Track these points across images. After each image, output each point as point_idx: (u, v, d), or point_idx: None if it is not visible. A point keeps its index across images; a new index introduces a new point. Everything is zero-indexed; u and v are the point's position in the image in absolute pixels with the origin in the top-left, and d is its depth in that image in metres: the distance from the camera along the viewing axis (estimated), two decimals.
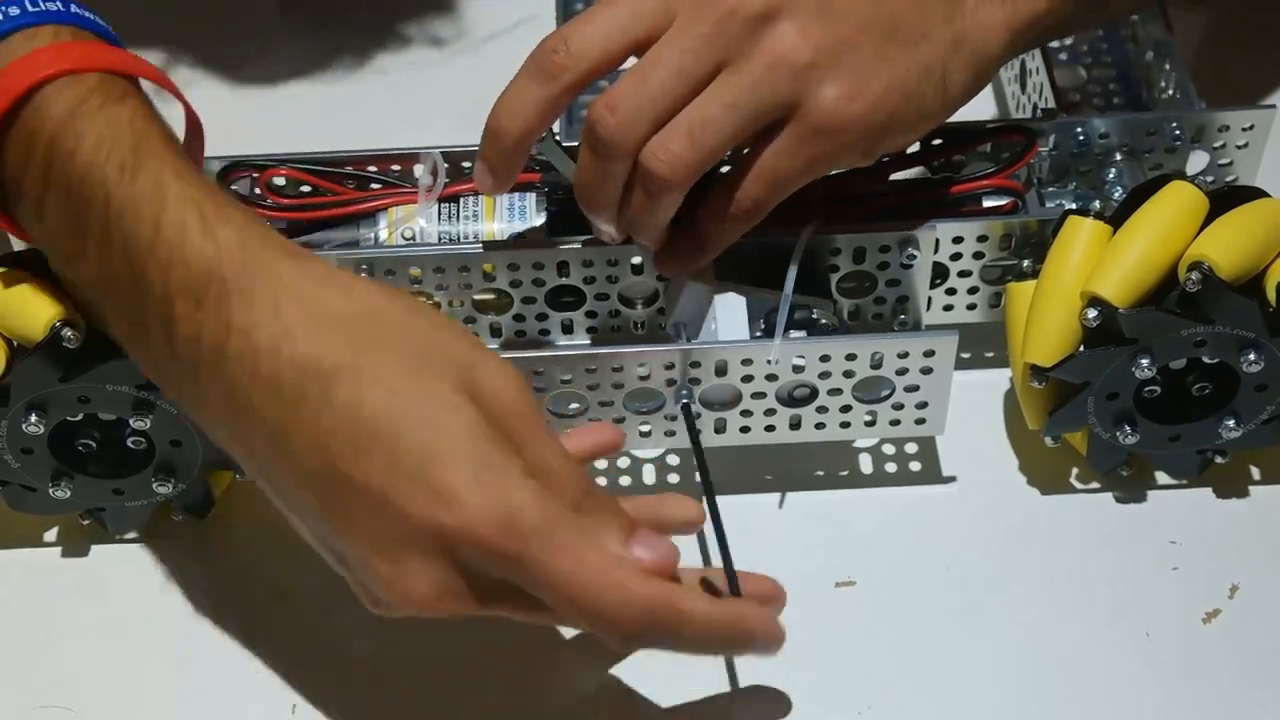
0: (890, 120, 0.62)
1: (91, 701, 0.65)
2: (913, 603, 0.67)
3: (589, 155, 0.62)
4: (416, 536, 0.53)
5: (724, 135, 0.61)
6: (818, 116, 0.61)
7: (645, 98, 0.60)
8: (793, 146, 0.61)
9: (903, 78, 0.62)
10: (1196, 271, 0.62)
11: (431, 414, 0.53)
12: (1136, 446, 0.68)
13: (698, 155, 0.61)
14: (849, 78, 0.61)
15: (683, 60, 0.60)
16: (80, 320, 0.62)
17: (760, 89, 0.60)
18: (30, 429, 0.63)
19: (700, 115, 0.60)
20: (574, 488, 0.55)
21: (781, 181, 0.62)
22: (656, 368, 0.65)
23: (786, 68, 0.60)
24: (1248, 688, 0.65)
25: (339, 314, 0.54)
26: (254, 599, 0.68)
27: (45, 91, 0.56)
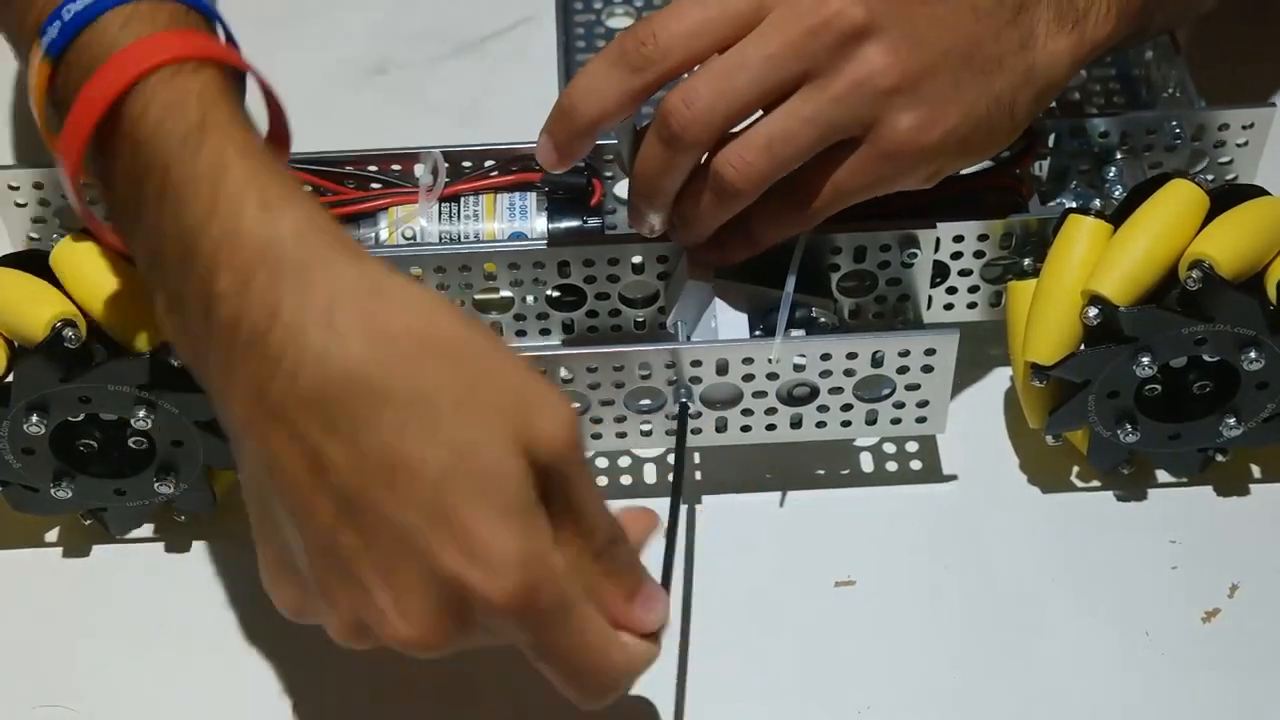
0: (960, 149, 0.62)
1: (91, 701, 0.65)
2: (913, 603, 0.67)
3: (657, 145, 0.62)
4: (435, 581, 0.50)
5: (801, 149, 0.61)
6: (892, 142, 0.61)
7: (724, 98, 0.60)
8: (861, 166, 0.62)
9: (975, 106, 0.62)
10: (1197, 270, 0.62)
11: (478, 463, 0.50)
12: (1137, 445, 0.68)
13: (773, 167, 0.61)
14: (927, 106, 0.61)
15: (767, 66, 0.60)
16: (81, 320, 0.62)
17: (841, 107, 0.60)
18: (31, 429, 0.63)
19: (781, 128, 0.60)
20: (603, 536, 0.54)
21: (843, 196, 0.63)
22: (657, 367, 0.65)
23: (870, 90, 0.60)
24: (1248, 687, 0.65)
25: (399, 332, 0.51)
26: (255, 599, 0.68)
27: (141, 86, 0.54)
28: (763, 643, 0.66)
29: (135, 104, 0.53)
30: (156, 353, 0.62)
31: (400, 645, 0.52)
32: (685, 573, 0.68)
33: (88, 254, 0.63)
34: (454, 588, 0.50)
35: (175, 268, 0.53)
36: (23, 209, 0.71)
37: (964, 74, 0.61)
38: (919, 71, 0.61)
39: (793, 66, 0.60)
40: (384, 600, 0.51)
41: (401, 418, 0.50)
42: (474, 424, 0.50)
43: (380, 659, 0.65)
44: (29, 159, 0.83)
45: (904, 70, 0.60)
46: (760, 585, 0.68)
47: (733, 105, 0.60)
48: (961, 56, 0.61)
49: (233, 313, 0.51)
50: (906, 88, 0.60)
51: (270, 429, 0.51)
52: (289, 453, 0.51)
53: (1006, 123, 0.63)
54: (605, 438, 0.68)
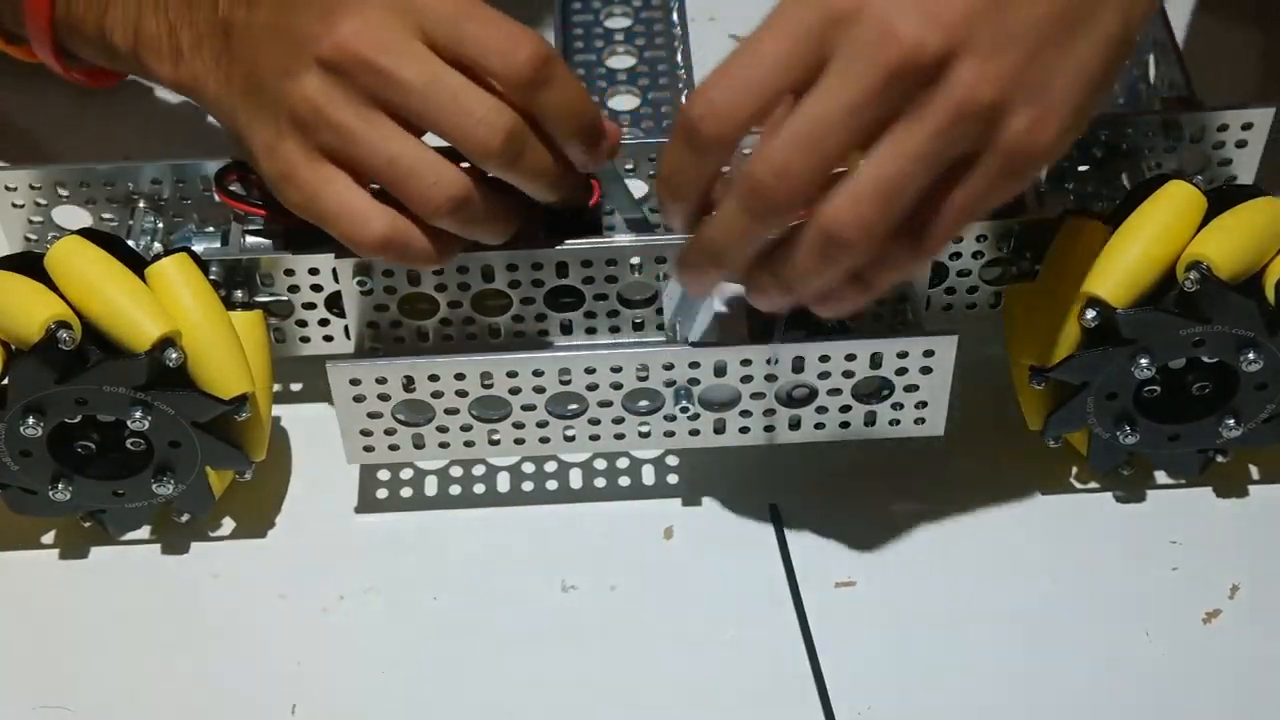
0: (1079, 123, 0.58)
1: (91, 701, 0.65)
2: (913, 603, 0.67)
3: (745, 220, 0.57)
4: (307, 47, 0.60)
5: (914, 191, 0.56)
6: (1011, 151, 0.56)
7: (817, 167, 0.56)
8: (983, 183, 0.57)
9: (1086, 69, 0.57)
10: (1195, 271, 0.62)
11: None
12: (1136, 446, 0.67)
13: (890, 215, 0.56)
14: (1036, 102, 0.56)
15: (855, 121, 0.55)
16: (76, 321, 0.62)
17: (947, 137, 0.55)
18: (28, 431, 0.63)
19: (890, 172, 0.55)
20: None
21: (967, 217, 0.58)
22: (655, 368, 0.65)
23: (972, 111, 0.55)
24: (1248, 688, 0.64)
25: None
26: (254, 599, 0.68)
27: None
28: (763, 643, 0.66)
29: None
30: (152, 353, 0.62)
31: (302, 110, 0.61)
32: (685, 573, 0.68)
33: (83, 255, 0.63)
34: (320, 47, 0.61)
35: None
36: (19, 210, 0.71)
37: (1064, 43, 0.56)
38: (1016, 71, 0.56)
39: (881, 113, 0.55)
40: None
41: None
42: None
43: (381, 658, 0.65)
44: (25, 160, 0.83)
45: (999, 79, 0.55)
46: (760, 585, 0.68)
47: (826, 169, 0.56)
48: (1054, 26, 0.56)
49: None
50: (1008, 94, 0.55)
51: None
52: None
53: (1118, 62, 0.58)
54: (603, 439, 0.68)
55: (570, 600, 0.68)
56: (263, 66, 0.62)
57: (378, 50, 0.60)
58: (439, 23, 0.61)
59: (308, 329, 0.71)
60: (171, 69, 0.67)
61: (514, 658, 0.66)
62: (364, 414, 0.66)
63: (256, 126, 0.63)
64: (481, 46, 0.60)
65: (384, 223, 0.62)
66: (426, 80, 0.60)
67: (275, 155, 0.63)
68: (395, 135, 0.61)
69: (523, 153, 0.61)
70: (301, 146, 0.62)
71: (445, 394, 0.66)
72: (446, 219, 0.62)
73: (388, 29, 0.60)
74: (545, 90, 0.61)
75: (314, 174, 0.62)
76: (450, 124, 0.60)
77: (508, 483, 0.71)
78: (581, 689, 0.65)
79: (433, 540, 0.70)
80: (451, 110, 0.60)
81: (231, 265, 0.68)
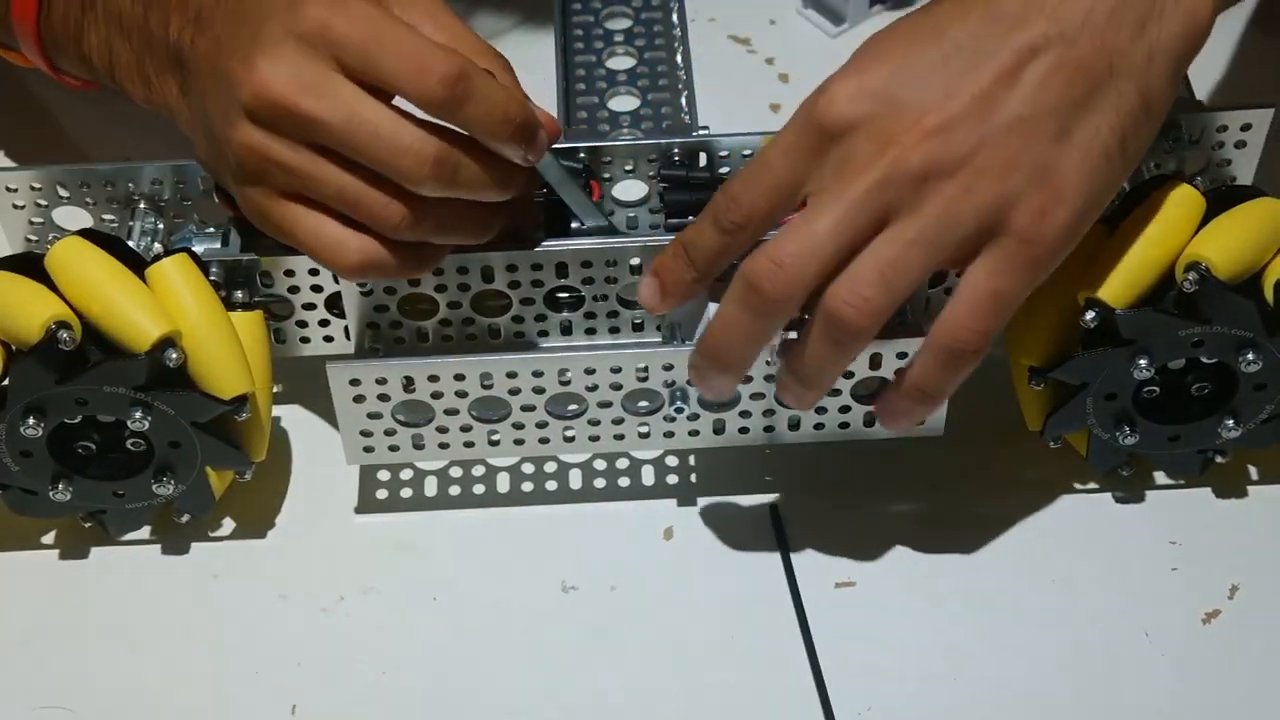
0: (1093, 204, 0.59)
1: (91, 702, 0.65)
2: (912, 603, 0.67)
3: (744, 313, 0.60)
4: (235, 92, 0.60)
5: (914, 274, 0.58)
6: (1021, 236, 0.58)
7: (814, 256, 0.58)
8: (1005, 264, 0.58)
9: (1096, 150, 0.58)
10: (1194, 272, 0.62)
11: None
12: (1136, 447, 0.67)
13: (891, 298, 0.58)
14: (1037, 189, 0.57)
15: (850, 212, 0.58)
16: (76, 321, 0.62)
17: (942, 225, 0.58)
18: (28, 432, 0.63)
19: (888, 256, 0.58)
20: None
21: (1006, 302, 0.59)
22: (655, 368, 0.65)
23: (963, 212, 0.57)
24: (1248, 688, 0.64)
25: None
26: (254, 599, 0.68)
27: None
28: (763, 643, 0.66)
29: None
30: (152, 354, 0.62)
31: (271, 98, 0.60)
32: (685, 574, 0.68)
33: (83, 256, 0.63)
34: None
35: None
36: (20, 211, 0.71)
37: (1069, 127, 0.58)
38: (1005, 167, 0.57)
39: (874, 211, 0.58)
40: (239, 71, 0.61)
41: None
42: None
43: (381, 658, 0.65)
44: (25, 161, 0.84)
45: (989, 180, 0.57)
46: (760, 585, 0.68)
47: (823, 261, 0.58)
48: (1052, 115, 0.57)
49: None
50: (1003, 188, 0.57)
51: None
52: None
53: (1140, 135, 0.59)
54: (603, 439, 0.68)
55: (570, 600, 0.68)
56: (210, 109, 0.63)
57: (295, 92, 0.60)
58: (352, 53, 0.61)
59: (308, 329, 0.71)
60: (145, 93, 0.67)
61: (514, 658, 0.66)
62: (364, 414, 0.66)
63: (221, 171, 0.64)
64: (392, 74, 0.60)
65: (357, 248, 0.62)
66: (345, 118, 0.60)
67: (243, 199, 0.64)
68: (337, 168, 0.61)
69: (456, 172, 0.62)
70: (260, 190, 0.62)
71: (445, 394, 0.66)
72: (410, 234, 0.62)
73: (304, 66, 0.60)
74: (465, 106, 0.61)
75: (281, 214, 0.63)
76: (376, 159, 0.61)
77: (507, 483, 0.71)
78: (582, 689, 0.65)
79: (432, 541, 0.70)
80: (375, 146, 0.60)
81: (232, 265, 0.68)
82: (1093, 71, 0.58)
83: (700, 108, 0.75)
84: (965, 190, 0.57)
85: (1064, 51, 0.58)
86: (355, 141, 0.60)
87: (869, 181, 0.58)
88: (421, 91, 0.60)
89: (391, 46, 0.60)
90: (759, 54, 0.89)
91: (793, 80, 0.87)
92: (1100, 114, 0.58)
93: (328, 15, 0.60)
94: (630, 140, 0.72)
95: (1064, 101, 0.57)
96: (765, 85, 0.87)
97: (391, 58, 0.60)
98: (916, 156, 0.57)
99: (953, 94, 0.58)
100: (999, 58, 0.58)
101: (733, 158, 0.71)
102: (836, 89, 0.59)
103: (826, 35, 0.89)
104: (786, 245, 0.58)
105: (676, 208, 0.70)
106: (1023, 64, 0.58)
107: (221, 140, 0.62)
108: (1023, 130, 0.57)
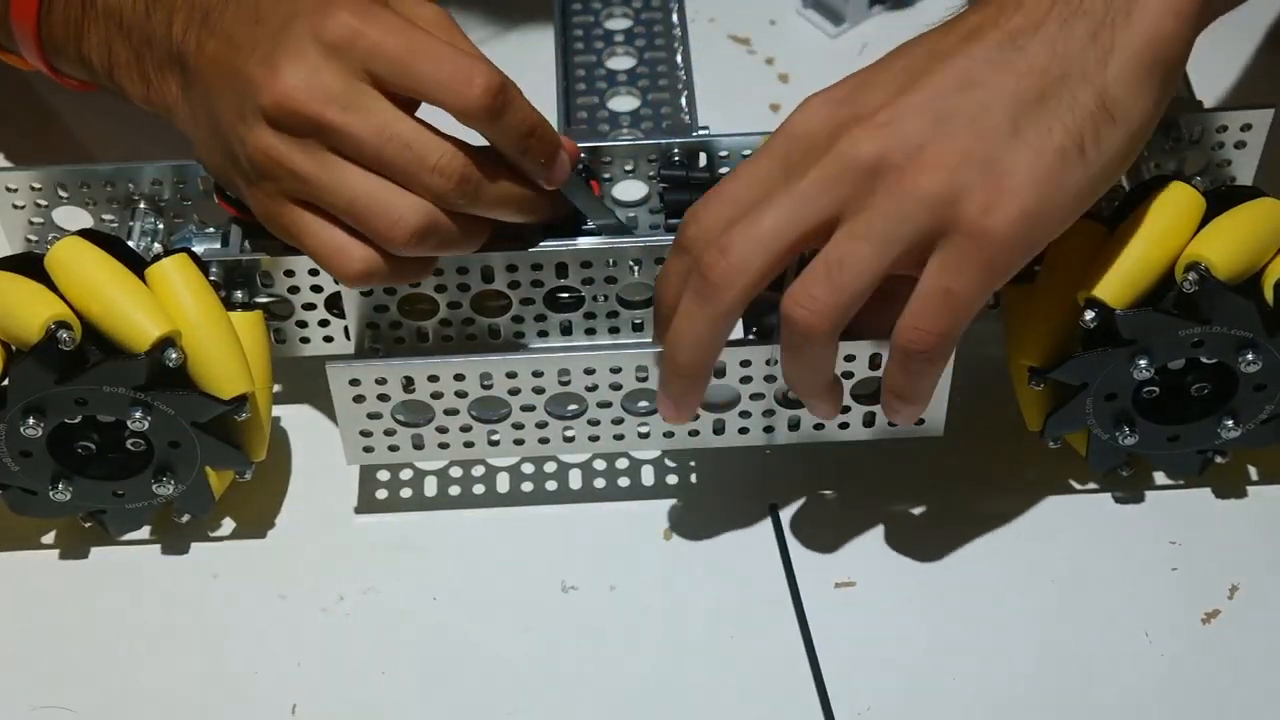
0: (1048, 206, 0.58)
1: (91, 701, 0.65)
2: (913, 603, 0.67)
3: (692, 303, 0.60)
4: (254, 96, 0.61)
5: (864, 272, 0.58)
6: (969, 230, 0.57)
7: (760, 243, 0.59)
8: (955, 261, 0.58)
9: (1050, 149, 0.58)
10: (1194, 272, 0.62)
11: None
12: (1136, 447, 0.67)
13: (839, 297, 0.58)
14: (985, 183, 0.57)
15: (797, 202, 0.59)
16: (75, 321, 0.62)
17: (892, 220, 0.58)
18: (28, 432, 0.63)
19: (836, 254, 0.58)
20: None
21: (959, 302, 0.58)
22: (655, 368, 0.65)
23: (915, 199, 0.57)
24: (1248, 689, 0.64)
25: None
26: (254, 599, 0.68)
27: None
28: (763, 643, 0.66)
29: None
30: (152, 354, 0.62)
31: (289, 99, 0.60)
32: (685, 574, 0.68)
33: (83, 256, 0.63)
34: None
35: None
36: (20, 211, 0.71)
37: (1021, 125, 0.58)
38: (955, 161, 0.57)
39: (824, 203, 0.58)
40: (258, 73, 0.61)
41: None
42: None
43: (381, 659, 0.65)
44: (26, 161, 0.84)
45: (937, 173, 0.57)
46: (760, 585, 0.68)
47: (769, 248, 0.58)
48: (1005, 112, 0.58)
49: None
50: (952, 178, 0.57)
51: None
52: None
53: (1105, 141, 0.58)
54: (603, 439, 0.68)
55: (570, 601, 0.68)
56: (219, 109, 0.63)
57: (323, 102, 0.60)
58: (387, 64, 0.61)
59: (308, 329, 0.71)
60: (143, 93, 0.67)
61: (514, 658, 0.66)
62: (363, 415, 0.66)
63: (228, 170, 0.65)
64: (433, 85, 0.61)
65: (361, 257, 0.63)
66: (375, 131, 0.61)
67: (252, 199, 0.64)
68: (351, 178, 0.62)
69: (480, 190, 0.62)
70: (269, 194, 0.63)
71: (445, 395, 0.66)
72: (412, 250, 0.62)
73: (332, 75, 0.61)
74: (501, 118, 0.61)
75: (288, 218, 0.63)
76: (404, 173, 0.61)
77: (507, 483, 0.71)
78: (581, 689, 0.65)
79: (432, 541, 0.70)
80: (404, 160, 0.61)
81: (231, 266, 0.68)
82: (1045, 75, 0.58)
83: (700, 108, 0.76)
84: (914, 183, 0.57)
85: (1015, 56, 0.58)
86: (384, 155, 0.61)
87: (819, 174, 0.58)
88: (464, 102, 0.61)
89: (429, 57, 0.61)
90: (759, 54, 0.89)
91: (793, 80, 0.87)
92: (1053, 115, 0.58)
93: (358, 24, 0.61)
94: (630, 140, 0.72)
95: (1015, 102, 0.58)
96: (765, 85, 0.87)
97: (430, 67, 0.61)
98: (866, 147, 0.58)
99: (906, 90, 0.59)
100: (953, 61, 0.59)
101: (732, 158, 0.71)
102: (806, 102, 0.61)
103: (826, 35, 0.89)
104: (733, 234, 0.59)
105: (676, 208, 0.70)
106: (975, 66, 0.59)
107: (233, 139, 0.62)
108: (973, 127, 0.58)
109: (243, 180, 0.64)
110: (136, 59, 0.67)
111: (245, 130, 0.62)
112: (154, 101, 0.67)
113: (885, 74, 0.60)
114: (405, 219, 0.62)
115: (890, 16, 0.90)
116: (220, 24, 0.63)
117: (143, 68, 0.67)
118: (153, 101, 0.67)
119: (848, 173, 0.58)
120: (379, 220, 0.62)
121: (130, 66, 0.67)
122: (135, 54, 0.66)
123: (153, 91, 0.67)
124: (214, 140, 0.64)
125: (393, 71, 0.61)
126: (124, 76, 0.68)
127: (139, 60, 0.66)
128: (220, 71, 0.63)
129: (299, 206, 0.63)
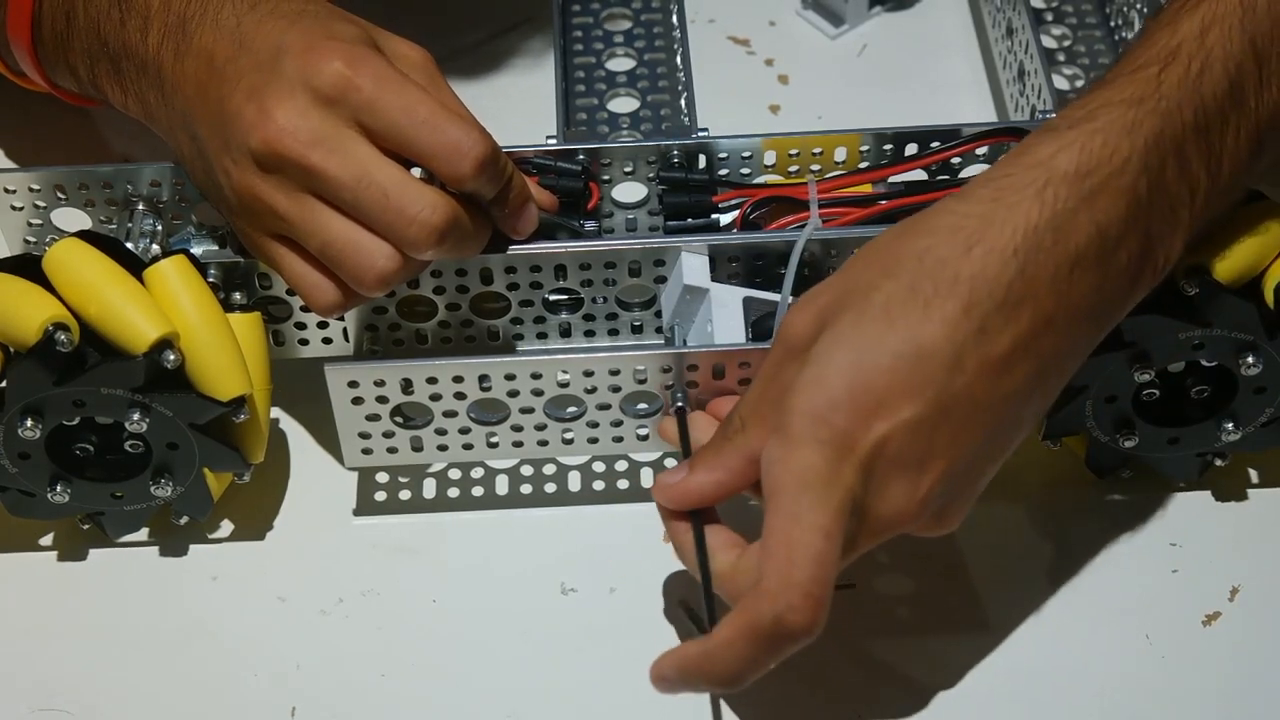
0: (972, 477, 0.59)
1: (91, 702, 0.65)
2: (913, 603, 0.67)
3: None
4: (238, 133, 0.61)
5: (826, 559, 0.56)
6: (880, 520, 0.58)
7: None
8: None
9: (989, 474, 0.60)
10: (1194, 275, 0.62)
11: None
12: (1135, 449, 0.67)
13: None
14: (937, 516, 0.59)
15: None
16: (74, 323, 0.62)
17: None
18: (26, 433, 0.63)
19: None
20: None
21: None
22: (653, 370, 0.65)
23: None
24: (1248, 690, 0.64)
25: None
26: (253, 601, 0.68)
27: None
28: None
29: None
30: (150, 355, 0.62)
31: (275, 140, 0.61)
32: (683, 575, 0.68)
33: (81, 257, 0.63)
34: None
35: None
36: (19, 212, 0.71)
37: (975, 474, 0.59)
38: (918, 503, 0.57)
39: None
40: (249, 111, 0.61)
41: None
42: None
43: (381, 659, 0.65)
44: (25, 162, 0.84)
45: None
46: None
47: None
48: (970, 466, 0.58)
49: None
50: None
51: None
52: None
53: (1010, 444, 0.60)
54: (602, 441, 0.68)
55: (570, 603, 0.68)
56: (204, 134, 0.64)
57: (308, 145, 0.61)
58: (381, 123, 0.61)
59: (306, 331, 0.71)
60: (122, 98, 0.68)
61: (513, 660, 0.66)
62: (362, 416, 0.66)
63: (210, 190, 0.66)
64: (429, 154, 0.62)
65: (333, 295, 0.64)
66: (357, 178, 0.61)
67: (234, 225, 0.66)
68: (328, 221, 0.62)
69: (457, 241, 0.63)
70: (249, 226, 0.64)
71: (443, 397, 0.66)
72: (382, 291, 0.63)
73: (319, 119, 0.61)
74: (489, 184, 0.63)
75: (267, 250, 0.64)
76: (382, 222, 0.62)
77: (506, 485, 0.71)
78: (581, 691, 0.65)
79: (431, 543, 0.70)
80: (382, 209, 0.61)
81: (230, 267, 0.68)
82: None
83: (700, 109, 0.75)
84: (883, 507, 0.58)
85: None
86: (363, 203, 0.61)
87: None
88: (456, 174, 0.62)
89: (426, 126, 0.61)
90: (759, 55, 0.89)
91: (792, 81, 0.87)
92: (1007, 449, 0.60)
93: (351, 74, 0.61)
94: (629, 142, 0.72)
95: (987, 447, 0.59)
96: (765, 86, 0.87)
97: (427, 137, 0.61)
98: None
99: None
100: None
101: (732, 159, 0.71)
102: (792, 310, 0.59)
103: (826, 37, 0.89)
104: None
105: (675, 210, 0.70)
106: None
107: (218, 170, 0.63)
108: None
109: (225, 207, 0.65)
110: (114, 68, 0.67)
111: (231, 166, 0.62)
112: (133, 109, 0.68)
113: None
114: (376, 265, 0.62)
115: (890, 17, 0.90)
116: (199, 38, 0.64)
117: (120, 77, 0.67)
118: (131, 109, 0.68)
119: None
120: (350, 265, 0.62)
121: (110, 75, 0.67)
122: (113, 63, 0.67)
123: (131, 99, 0.67)
124: (198, 160, 0.65)
125: (387, 131, 0.61)
126: (106, 84, 0.68)
127: (116, 69, 0.67)
128: (203, 96, 0.63)
129: (277, 241, 0.64)
